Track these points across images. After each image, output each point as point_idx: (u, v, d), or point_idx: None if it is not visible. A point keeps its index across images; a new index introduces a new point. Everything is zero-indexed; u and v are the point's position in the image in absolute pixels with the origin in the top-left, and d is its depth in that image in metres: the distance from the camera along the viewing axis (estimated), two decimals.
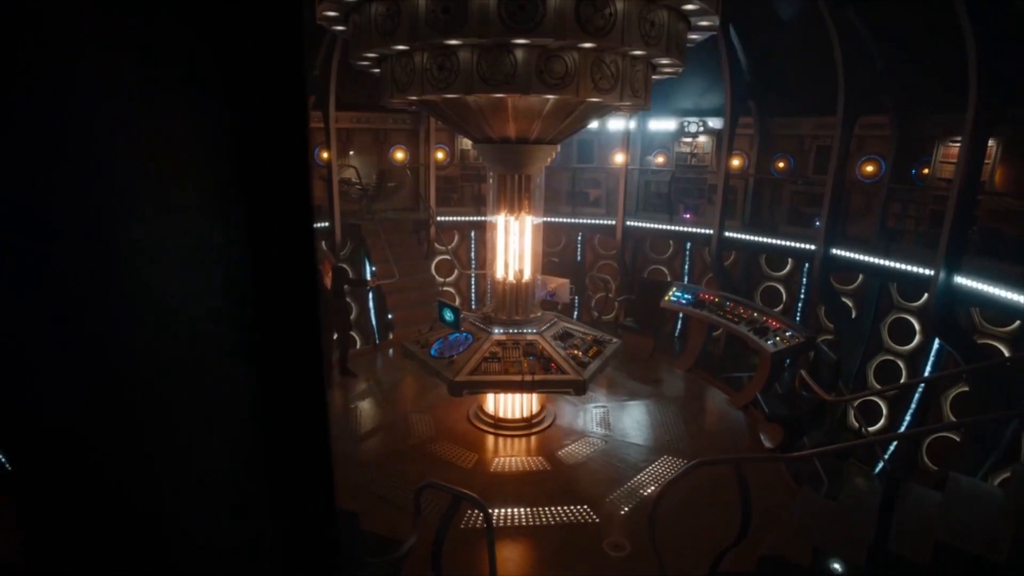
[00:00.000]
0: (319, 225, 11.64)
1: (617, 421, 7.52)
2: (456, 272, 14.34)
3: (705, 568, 4.81)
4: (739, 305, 8.38)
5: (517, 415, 7.23)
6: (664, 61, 5.73)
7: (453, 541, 5.04)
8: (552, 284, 7.65)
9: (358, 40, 5.67)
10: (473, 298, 14.52)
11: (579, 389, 6.37)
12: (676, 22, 5.48)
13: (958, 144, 8.95)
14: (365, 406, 7.90)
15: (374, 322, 12.51)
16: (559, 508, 5.72)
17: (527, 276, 7.04)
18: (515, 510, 5.61)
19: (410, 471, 6.34)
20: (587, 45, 5.05)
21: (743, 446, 7.02)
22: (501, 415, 7.24)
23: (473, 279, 14.46)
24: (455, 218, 13.11)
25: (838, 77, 9.04)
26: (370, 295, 11.62)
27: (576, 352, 6.77)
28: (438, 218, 12.67)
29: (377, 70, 6.67)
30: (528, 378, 6.22)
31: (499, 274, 7.14)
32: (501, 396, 7.12)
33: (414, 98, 5.69)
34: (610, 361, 7.00)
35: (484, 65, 5.14)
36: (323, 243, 11.82)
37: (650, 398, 8.23)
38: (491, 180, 6.99)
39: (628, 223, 12.62)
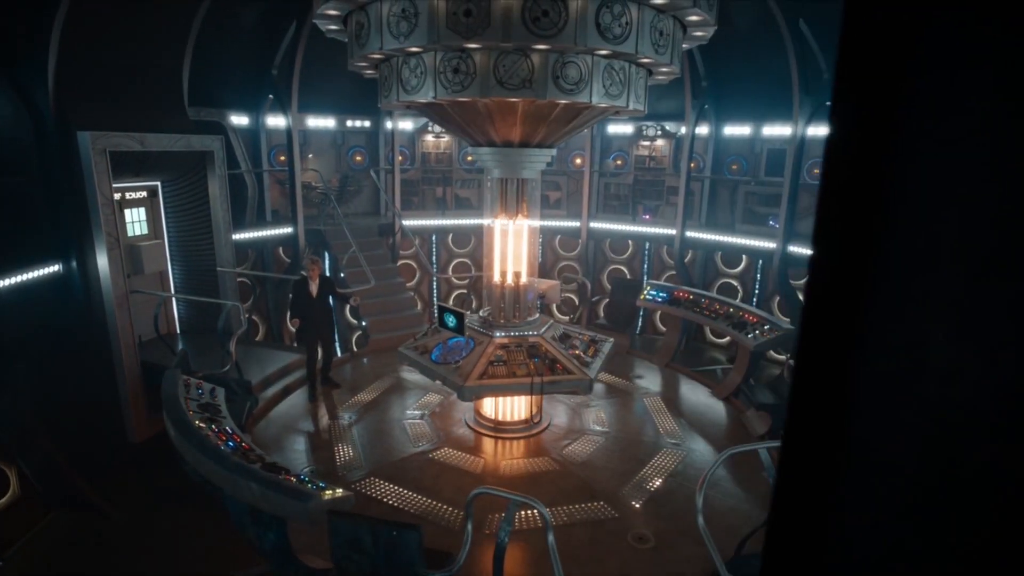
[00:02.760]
0: (281, 231, 11.16)
1: (611, 417, 7.70)
2: (417, 276, 14.17)
3: (729, 552, 5.06)
4: (714, 301, 8.79)
5: (517, 417, 7.26)
6: (664, 69, 5.96)
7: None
8: (542, 286, 7.73)
9: (363, 41, 5.52)
10: (435, 303, 14.38)
11: (586, 388, 6.48)
12: (678, 31, 5.72)
13: None
14: (357, 416, 7.66)
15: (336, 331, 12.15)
16: (577, 506, 5.81)
17: (524, 279, 7.09)
18: (534, 512, 5.64)
19: (419, 479, 6.24)
20: (603, 52, 5.18)
21: (734, 434, 7.39)
22: (500, 418, 7.24)
23: (435, 284, 14.33)
24: (419, 222, 12.93)
25: (793, 85, 9.69)
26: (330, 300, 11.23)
27: (577, 352, 6.89)
28: (405, 223, 12.44)
29: (372, 71, 6.52)
30: (538, 380, 6.28)
31: (496, 277, 7.14)
32: (501, 399, 7.12)
33: (423, 101, 5.61)
34: (608, 360, 7.17)
35: (501, 69, 5.16)
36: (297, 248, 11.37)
37: (636, 393, 8.50)
38: (488, 184, 6.99)
39: (592, 224, 12.92)
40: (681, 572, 5.03)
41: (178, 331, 9.63)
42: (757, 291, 12.19)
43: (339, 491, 4.18)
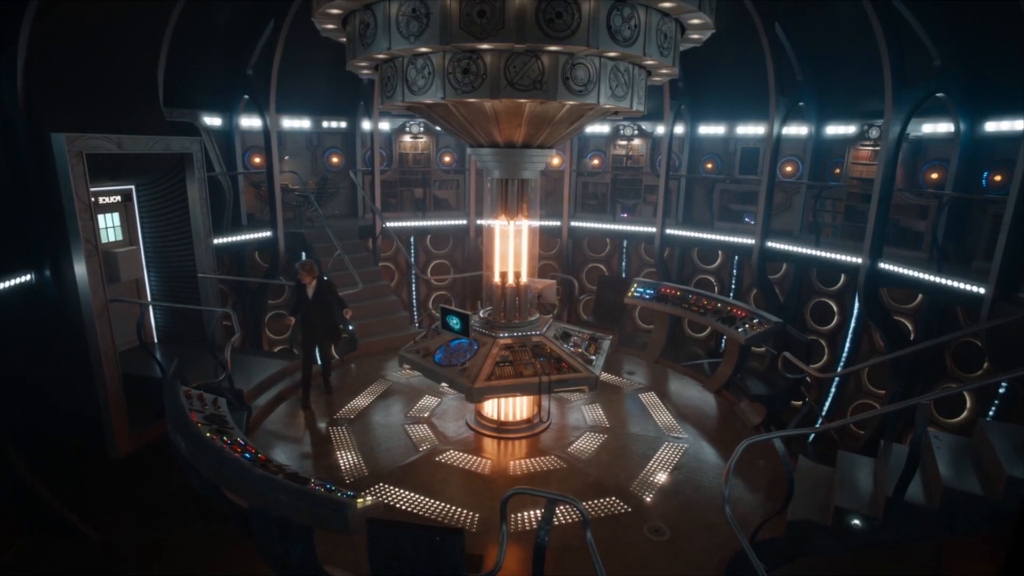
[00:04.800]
0: (259, 235, 10.85)
1: (609, 414, 7.80)
2: (396, 279, 14.00)
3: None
4: (701, 297, 9.01)
5: (518, 417, 7.27)
6: (665, 71, 6.08)
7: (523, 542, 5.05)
8: (539, 285, 7.75)
9: (368, 41, 5.43)
10: (415, 304, 14.25)
11: (593, 385, 6.56)
12: (678, 33, 5.85)
13: (867, 147, 10.31)
14: (355, 421, 7.53)
15: None
16: (591, 502, 5.86)
17: (524, 279, 7.12)
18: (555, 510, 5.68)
19: (428, 483, 6.18)
20: (612, 54, 5.25)
21: (730, 426, 7.61)
22: (503, 418, 7.25)
23: (415, 286, 14.19)
24: (398, 223, 12.77)
25: (770, 86, 10.03)
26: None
27: (579, 350, 6.96)
28: (385, 225, 12.26)
29: (369, 72, 6.42)
30: (545, 379, 6.31)
31: (496, 278, 7.13)
32: (503, 400, 7.12)
33: (429, 101, 5.56)
34: (607, 357, 7.26)
35: (512, 70, 5.17)
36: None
37: (630, 389, 8.64)
38: (489, 185, 6.98)
39: (572, 224, 13.05)
40: (700, 562, 5.15)
41: (155, 340, 9.24)
42: (733, 286, 12.56)
43: (369, 498, 4.12)
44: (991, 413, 8.38)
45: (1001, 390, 8.22)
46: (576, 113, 5.90)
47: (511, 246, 6.96)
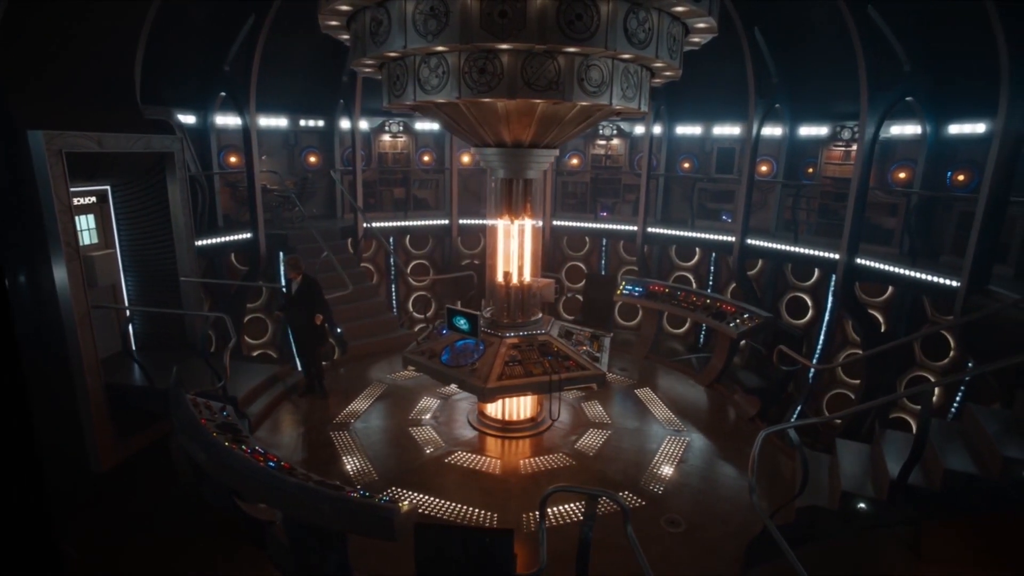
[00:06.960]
0: (238, 237, 10.49)
1: (609, 410, 7.92)
2: (375, 279, 13.79)
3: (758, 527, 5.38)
4: (690, 294, 9.23)
5: (523, 416, 7.30)
6: (669, 73, 6.21)
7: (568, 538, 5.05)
8: (539, 284, 7.79)
9: (381, 39, 5.34)
10: (395, 305, 14.06)
11: (600, 383, 6.65)
12: (683, 36, 5.99)
13: (839, 148, 10.77)
14: (358, 426, 7.39)
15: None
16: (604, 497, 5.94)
17: (528, 278, 7.15)
18: (570, 506, 5.75)
19: (442, 485, 6.14)
20: (626, 56, 5.33)
21: (725, 418, 7.84)
22: (507, 418, 7.26)
23: (394, 286, 14.01)
24: (378, 223, 12.57)
25: (749, 88, 10.35)
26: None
27: (584, 348, 7.04)
28: (366, 225, 12.05)
29: (372, 70, 6.32)
30: (556, 377, 6.36)
31: (500, 278, 7.14)
32: (507, 399, 7.12)
33: (442, 100, 5.52)
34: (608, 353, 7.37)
35: (529, 71, 5.18)
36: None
37: (625, 386, 8.78)
38: (493, 184, 6.97)
39: (555, 223, 13.15)
40: (719, 551, 5.30)
41: (133, 347, 8.81)
42: (711, 282, 12.91)
43: (406, 503, 4.07)
44: (958, 398, 8.92)
45: (967, 376, 8.75)
46: (585, 113, 5.96)
47: (515, 245, 6.98)
